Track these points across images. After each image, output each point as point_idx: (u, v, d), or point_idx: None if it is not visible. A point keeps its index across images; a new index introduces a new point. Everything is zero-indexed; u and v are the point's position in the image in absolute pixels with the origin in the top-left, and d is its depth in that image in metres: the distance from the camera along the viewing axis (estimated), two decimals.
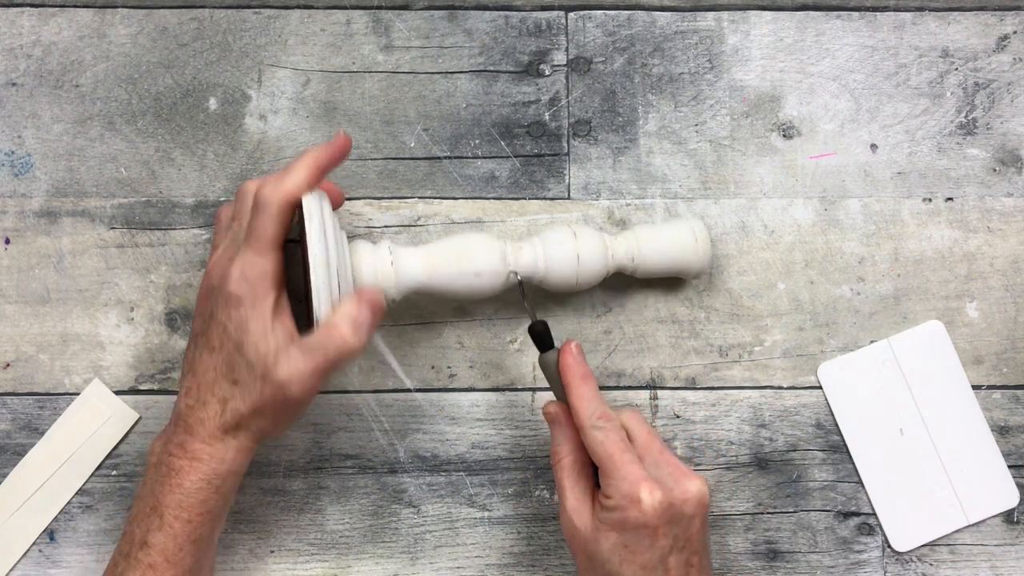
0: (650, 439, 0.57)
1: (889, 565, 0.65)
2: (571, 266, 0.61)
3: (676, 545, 0.54)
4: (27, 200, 0.67)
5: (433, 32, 0.69)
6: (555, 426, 0.58)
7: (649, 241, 0.63)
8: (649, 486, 0.53)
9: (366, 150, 0.68)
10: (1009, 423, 0.67)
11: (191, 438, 0.55)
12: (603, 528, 0.54)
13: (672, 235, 0.63)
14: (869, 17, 0.70)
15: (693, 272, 0.64)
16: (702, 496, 0.55)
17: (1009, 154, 0.69)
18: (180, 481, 0.55)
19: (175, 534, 0.55)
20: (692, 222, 0.64)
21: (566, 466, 0.57)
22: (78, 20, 0.68)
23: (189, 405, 0.55)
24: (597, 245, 0.61)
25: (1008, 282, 0.68)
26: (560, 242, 0.61)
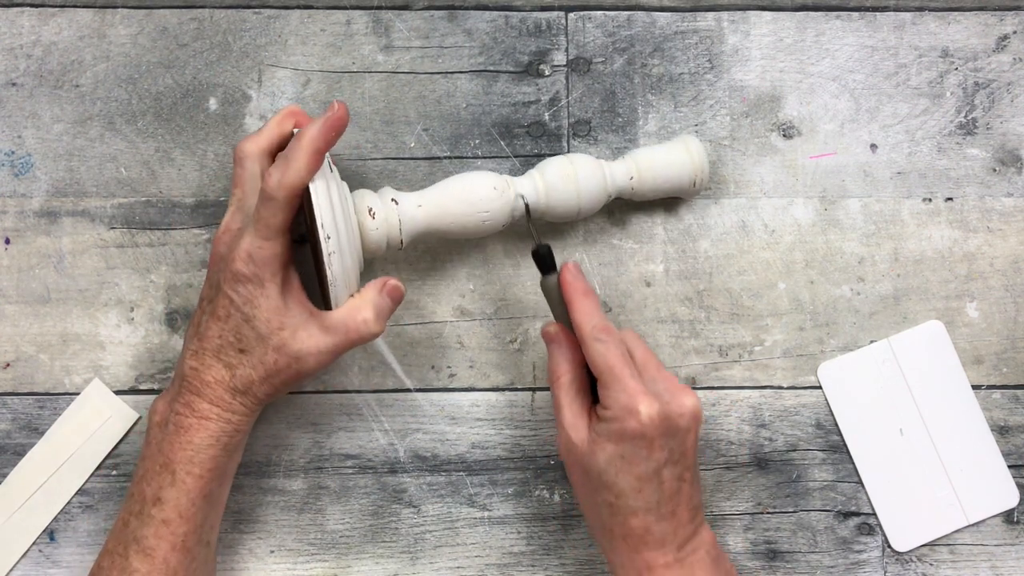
0: (647, 356, 0.58)
1: (889, 565, 0.65)
2: (572, 194, 0.62)
3: (671, 458, 0.55)
4: (27, 200, 0.67)
5: (433, 32, 0.69)
6: (554, 345, 0.59)
7: (646, 162, 0.64)
8: (647, 398, 0.54)
9: (366, 150, 0.68)
10: (1009, 423, 0.67)
11: (198, 399, 0.56)
12: (600, 440, 0.55)
13: (668, 154, 0.64)
14: (869, 17, 0.70)
15: (692, 190, 0.65)
16: (696, 410, 0.55)
17: (1009, 154, 0.69)
18: (190, 438, 0.56)
19: (188, 489, 0.56)
20: (687, 140, 0.65)
21: (564, 384, 0.58)
22: (78, 20, 0.68)
23: (193, 367, 0.57)
24: (595, 171, 0.62)
25: (1008, 282, 0.68)
26: (559, 171, 0.62)
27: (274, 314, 0.56)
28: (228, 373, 0.56)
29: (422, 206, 0.60)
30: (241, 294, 0.55)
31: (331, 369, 0.66)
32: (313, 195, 0.55)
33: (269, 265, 0.55)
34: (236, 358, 0.56)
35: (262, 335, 0.56)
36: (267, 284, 0.55)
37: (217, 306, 0.56)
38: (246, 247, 0.55)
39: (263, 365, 0.56)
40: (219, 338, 0.56)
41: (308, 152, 0.55)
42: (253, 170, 0.59)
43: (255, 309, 0.55)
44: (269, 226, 0.55)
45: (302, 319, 0.56)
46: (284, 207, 0.55)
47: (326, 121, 0.56)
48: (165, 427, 0.57)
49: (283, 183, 0.54)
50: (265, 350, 0.56)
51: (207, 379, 0.56)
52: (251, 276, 0.55)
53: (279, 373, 0.56)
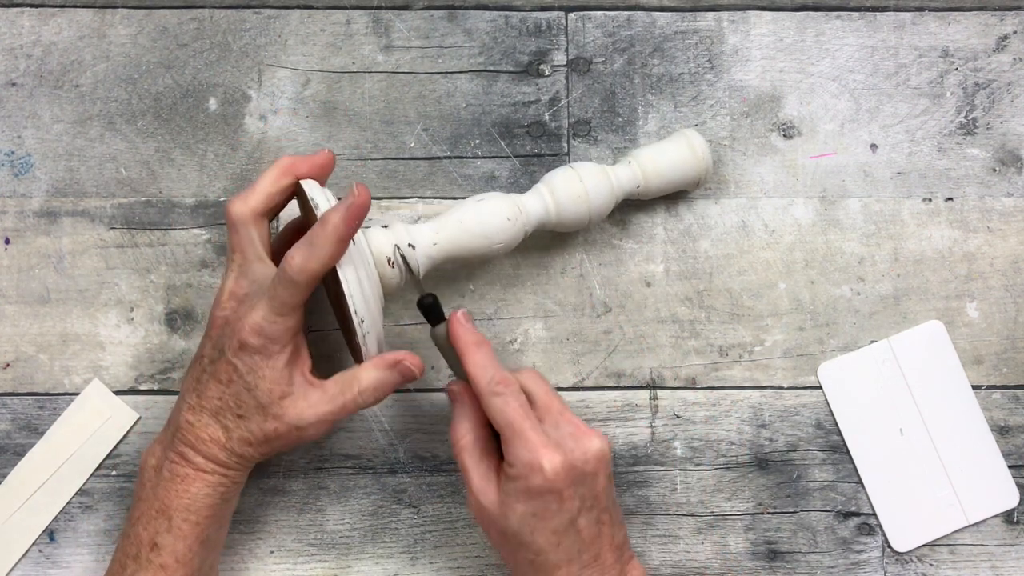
0: (549, 399, 0.57)
1: (889, 565, 0.65)
2: (582, 206, 0.62)
3: (584, 505, 0.54)
4: (27, 200, 0.67)
5: (433, 32, 0.69)
6: (456, 405, 0.57)
7: (651, 165, 0.64)
8: (549, 451, 0.53)
9: (366, 150, 0.68)
10: (1009, 423, 0.67)
11: (192, 451, 0.56)
12: (509, 501, 0.54)
13: (672, 154, 0.64)
14: (869, 17, 0.70)
15: (697, 184, 0.65)
16: (602, 452, 0.55)
17: (1009, 154, 0.69)
18: (187, 487, 0.56)
19: (184, 535, 0.56)
20: (689, 136, 0.65)
21: (466, 446, 0.56)
22: (78, 20, 0.68)
23: (190, 422, 0.56)
24: (603, 181, 0.62)
25: (1008, 282, 0.68)
26: (568, 186, 0.62)
27: (276, 384, 0.55)
28: (224, 435, 0.56)
29: (437, 244, 0.60)
30: (246, 363, 0.55)
31: (331, 370, 0.66)
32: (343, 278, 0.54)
33: (280, 339, 0.55)
34: (233, 422, 0.56)
35: (262, 404, 0.55)
36: (274, 356, 0.55)
37: (219, 370, 0.55)
38: (258, 320, 0.54)
39: (261, 431, 0.56)
40: (219, 400, 0.56)
41: (333, 241, 0.53)
42: (250, 236, 0.57)
43: (259, 379, 0.55)
44: (286, 304, 0.54)
45: (303, 388, 0.56)
46: (304, 290, 0.54)
47: (349, 208, 0.54)
48: (160, 472, 0.56)
49: (306, 269, 0.53)
50: (264, 418, 0.55)
51: (203, 436, 0.56)
52: (259, 348, 0.54)
53: (278, 439, 0.56)
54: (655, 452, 0.66)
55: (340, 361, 0.66)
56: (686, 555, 0.65)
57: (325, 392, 0.56)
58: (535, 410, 0.56)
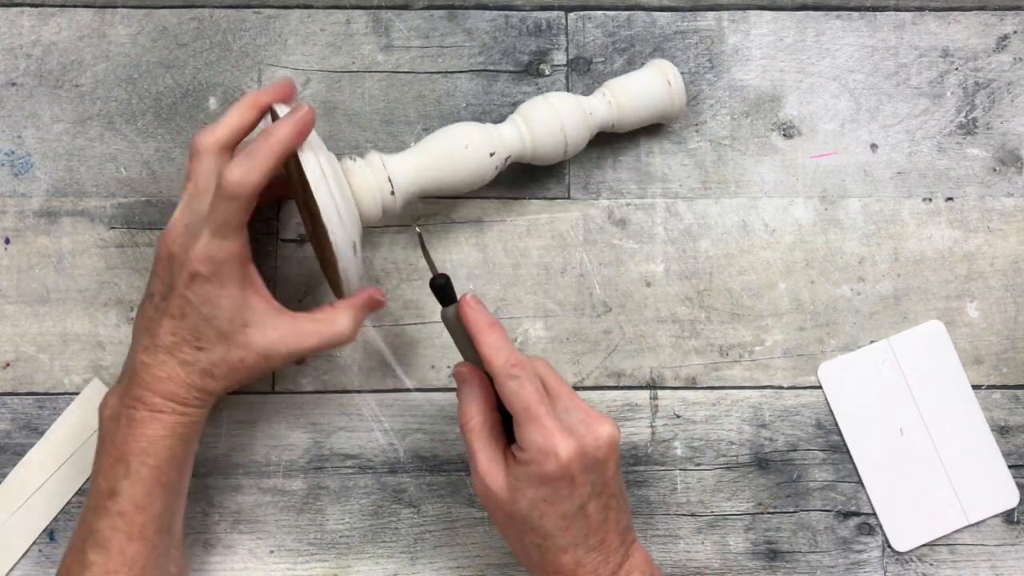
0: (559, 385, 0.57)
1: (889, 565, 0.65)
2: (558, 138, 0.62)
3: (594, 491, 0.54)
4: (27, 200, 0.67)
5: (433, 32, 0.69)
6: (464, 386, 0.57)
7: (626, 96, 0.64)
8: (564, 437, 0.53)
9: (366, 150, 0.68)
10: (1009, 423, 0.67)
11: (150, 393, 0.55)
12: (520, 485, 0.54)
13: (646, 85, 0.64)
14: (869, 17, 0.70)
15: (672, 116, 0.66)
16: (613, 439, 0.55)
17: (1009, 154, 0.69)
18: (143, 431, 0.55)
19: (143, 479, 0.54)
20: (662, 65, 0.65)
21: (475, 427, 0.56)
22: (78, 20, 0.68)
23: (145, 363, 0.55)
24: (578, 113, 0.62)
25: (1008, 282, 0.68)
26: (543, 118, 0.62)
27: (237, 313, 0.54)
28: (183, 370, 0.55)
29: (416, 182, 0.60)
30: (198, 294, 0.54)
31: (331, 369, 0.66)
32: (315, 190, 0.54)
33: (229, 264, 0.54)
34: (192, 356, 0.55)
35: (224, 333, 0.54)
36: (227, 284, 0.54)
37: (171, 305, 0.54)
38: (203, 247, 0.53)
39: (226, 363, 0.55)
40: (172, 336, 0.55)
41: (275, 153, 0.53)
42: (209, 166, 0.56)
43: (216, 309, 0.54)
44: (228, 225, 0.53)
45: (268, 316, 0.55)
46: (244, 207, 0.53)
47: (296, 122, 0.54)
48: (117, 420, 0.55)
49: (245, 181, 0.52)
50: (228, 348, 0.55)
51: (159, 375, 0.55)
52: (210, 276, 0.53)
53: (244, 369, 0.55)
54: (655, 452, 0.66)
55: (338, 361, 0.66)
56: (686, 555, 0.65)
57: (297, 325, 0.56)
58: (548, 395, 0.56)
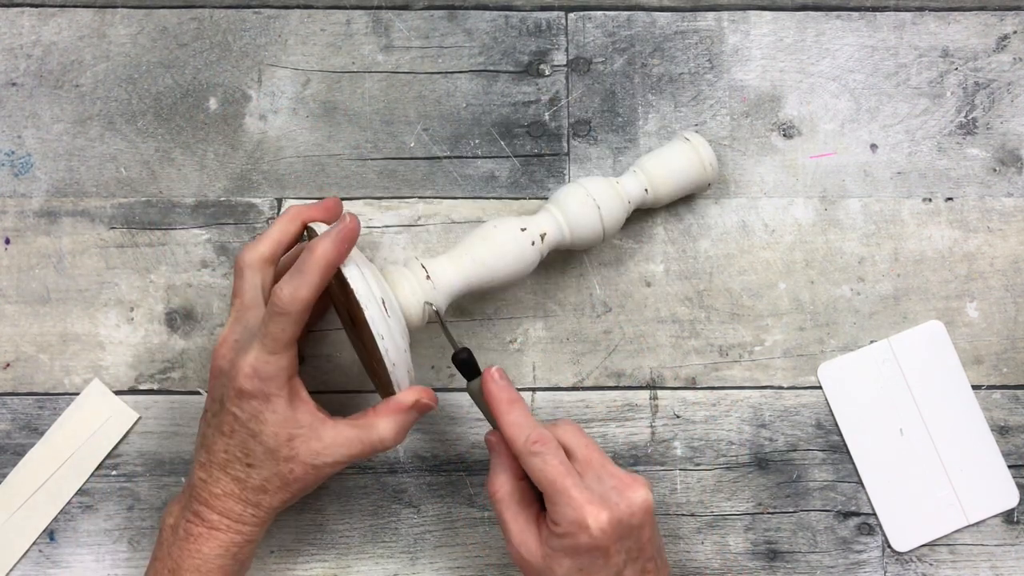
0: (589, 452, 0.56)
1: (889, 565, 0.65)
2: (595, 225, 0.62)
3: (630, 557, 0.54)
4: (27, 200, 0.67)
5: (433, 32, 0.69)
6: (493, 455, 0.57)
7: (660, 177, 0.64)
8: (595, 508, 0.52)
9: (366, 150, 0.68)
10: (1009, 423, 0.67)
11: (207, 509, 0.55)
12: (555, 555, 0.54)
13: (679, 163, 0.64)
14: (869, 17, 0.70)
15: (705, 188, 0.66)
16: (647, 504, 0.54)
17: (1009, 154, 0.69)
18: (199, 547, 0.55)
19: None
20: (693, 140, 0.64)
21: (503, 499, 0.56)
22: (78, 20, 0.68)
23: (202, 479, 0.56)
24: (613, 198, 0.62)
25: (1008, 282, 0.68)
26: (580, 207, 0.61)
27: (282, 427, 0.54)
28: (237, 487, 0.55)
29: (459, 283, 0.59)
30: (246, 411, 0.54)
31: (331, 369, 0.66)
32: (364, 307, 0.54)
33: (275, 379, 0.54)
34: (244, 472, 0.55)
35: (271, 449, 0.54)
36: (273, 399, 0.54)
37: (222, 422, 0.55)
38: (252, 362, 0.53)
39: (277, 477, 0.55)
40: (225, 453, 0.55)
41: (321, 267, 0.53)
42: (254, 281, 0.57)
43: (261, 425, 0.54)
44: (278, 340, 0.53)
45: (313, 427, 0.55)
46: (296, 322, 0.53)
47: (339, 233, 0.54)
48: (176, 531, 0.56)
49: (296, 297, 0.53)
50: (276, 462, 0.55)
51: (215, 491, 0.55)
52: (256, 392, 0.54)
53: (296, 482, 0.56)
54: (655, 452, 0.66)
55: (338, 361, 0.66)
56: (686, 555, 0.65)
57: (340, 433, 0.56)
58: (575, 464, 0.55)
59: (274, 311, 0.53)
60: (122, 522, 0.64)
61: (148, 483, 0.65)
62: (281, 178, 0.67)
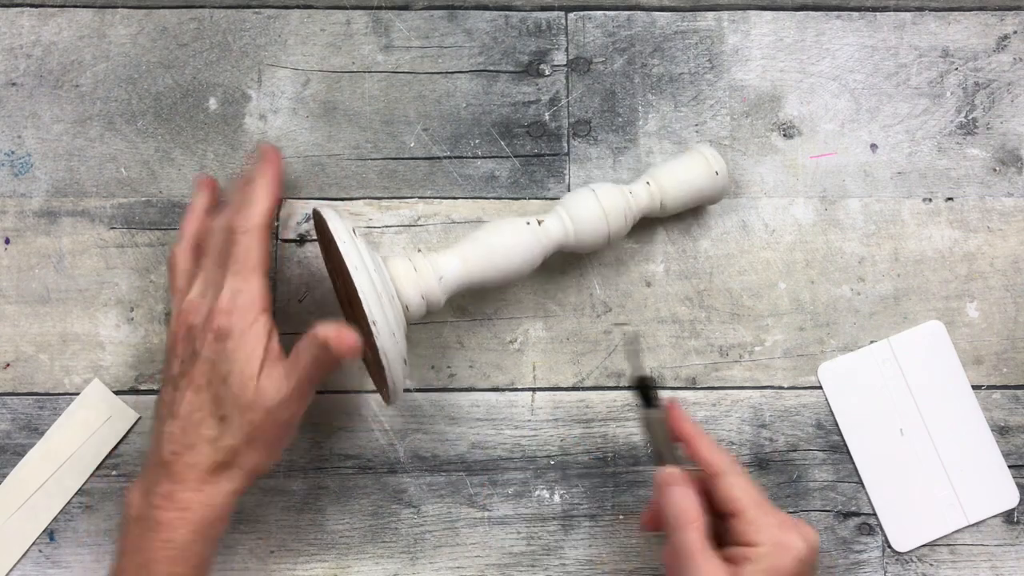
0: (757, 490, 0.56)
1: (889, 565, 0.65)
2: (601, 227, 0.61)
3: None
4: (27, 200, 0.67)
5: (433, 32, 0.69)
6: (676, 489, 0.54)
7: (670, 184, 0.64)
8: (795, 531, 0.52)
9: (366, 150, 0.68)
10: (1009, 423, 0.67)
11: (179, 487, 0.53)
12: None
13: (690, 172, 0.64)
14: (869, 17, 0.70)
15: (716, 200, 0.66)
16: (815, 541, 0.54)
17: (1009, 154, 0.69)
18: (170, 536, 0.53)
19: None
20: (705, 151, 0.64)
21: (699, 528, 0.53)
22: (78, 20, 0.68)
23: (174, 451, 0.54)
24: (620, 202, 0.62)
25: (1008, 282, 0.68)
26: (586, 208, 0.61)
27: (247, 364, 0.53)
28: (210, 448, 0.53)
29: (464, 276, 0.59)
30: (219, 353, 0.53)
31: None
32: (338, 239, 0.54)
33: (251, 309, 0.53)
34: (217, 428, 0.53)
35: (236, 394, 0.53)
36: (247, 334, 0.53)
37: (195, 375, 0.54)
38: (226, 296, 0.53)
39: (241, 429, 0.53)
40: (199, 410, 0.53)
41: (266, 189, 0.54)
42: (185, 266, 0.58)
43: (231, 364, 0.53)
44: (246, 263, 0.53)
45: (273, 365, 0.54)
46: (258, 239, 0.53)
47: (266, 160, 0.56)
48: (143, 521, 0.53)
49: (254, 214, 0.53)
50: (242, 411, 0.53)
51: (189, 461, 0.53)
52: (231, 329, 0.53)
53: (260, 433, 0.53)
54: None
55: None
56: None
57: (283, 368, 0.54)
58: None
59: (234, 236, 0.53)
60: None
61: None
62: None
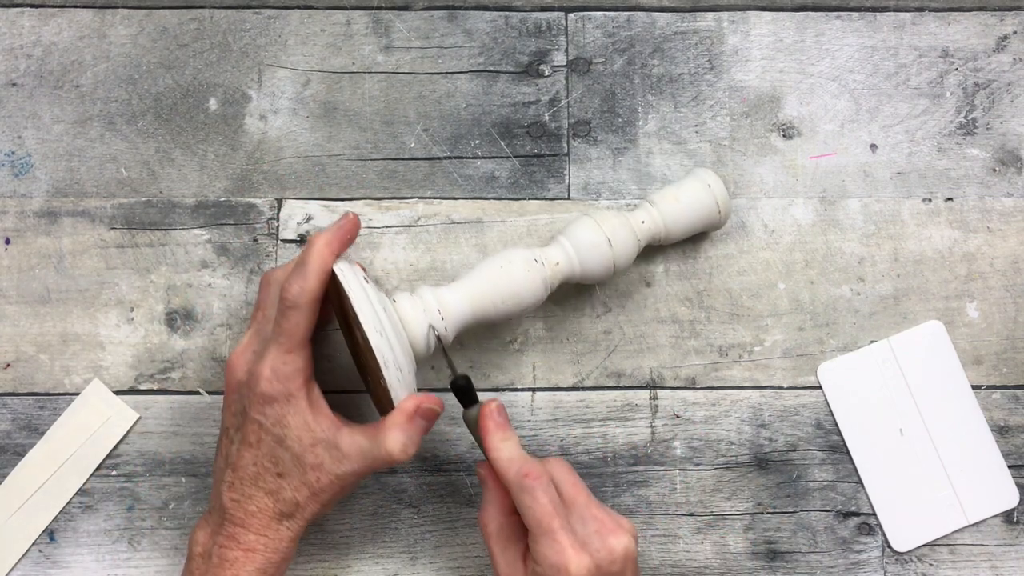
0: (575, 491, 0.56)
1: (889, 565, 0.65)
2: (606, 260, 0.61)
3: None
4: (27, 200, 0.67)
5: (433, 32, 0.69)
6: (483, 488, 0.57)
7: (672, 215, 0.63)
8: (577, 554, 0.52)
9: (366, 150, 0.68)
10: (1009, 423, 0.67)
11: (243, 530, 0.55)
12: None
13: (692, 202, 0.64)
14: (869, 17, 0.70)
15: (717, 228, 0.66)
16: (628, 551, 0.54)
17: (1009, 154, 0.69)
18: (236, 572, 0.55)
19: None
20: (707, 178, 0.64)
21: (492, 533, 0.56)
22: (78, 20, 0.68)
23: (234, 499, 0.55)
24: (626, 233, 0.62)
25: (1008, 282, 0.68)
26: (591, 241, 0.61)
27: (305, 431, 0.54)
28: (271, 500, 0.55)
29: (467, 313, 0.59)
30: (270, 416, 0.54)
31: (331, 369, 0.66)
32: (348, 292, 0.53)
33: (294, 380, 0.54)
34: (276, 483, 0.55)
35: (297, 455, 0.54)
36: (294, 400, 0.54)
37: (247, 433, 0.55)
38: (270, 364, 0.54)
39: (306, 486, 0.55)
40: (255, 465, 0.55)
41: (322, 256, 0.54)
42: (276, 295, 0.57)
43: (286, 429, 0.54)
44: (292, 336, 0.54)
45: (333, 434, 0.55)
46: (307, 315, 0.54)
47: (339, 227, 0.55)
48: (208, 559, 0.55)
49: (304, 289, 0.53)
50: (304, 470, 0.55)
51: (251, 509, 0.55)
52: (278, 395, 0.54)
53: (324, 491, 0.55)
54: (655, 452, 0.66)
55: (339, 361, 0.66)
56: (686, 555, 0.65)
57: (354, 442, 0.55)
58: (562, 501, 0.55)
59: (284, 306, 0.54)
60: (122, 522, 0.64)
61: (148, 483, 0.65)
62: (281, 178, 0.67)
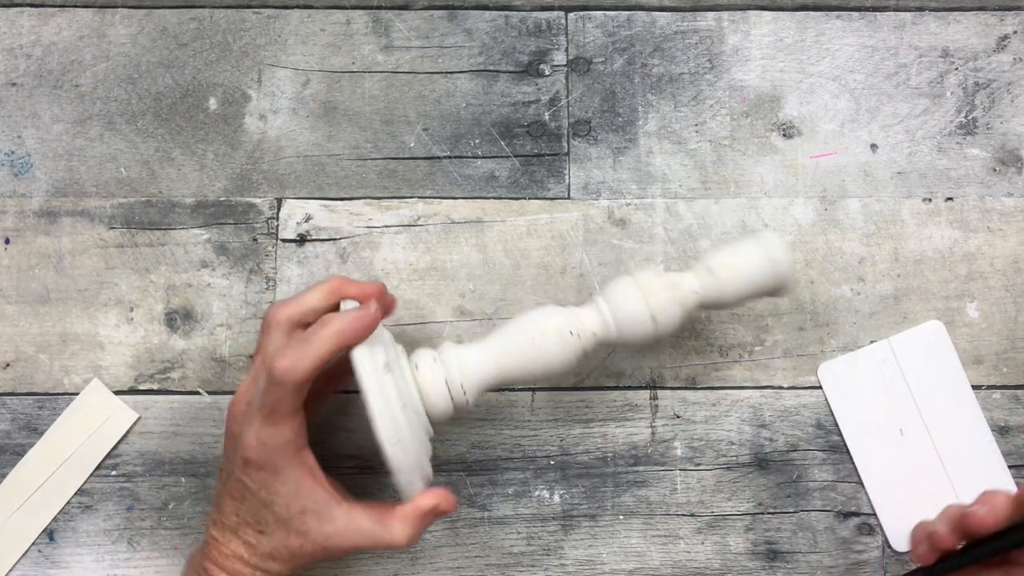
0: None
1: (889, 565, 0.65)
2: (647, 335, 0.57)
3: None
4: (27, 200, 0.67)
5: (433, 32, 0.69)
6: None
7: (728, 282, 0.58)
8: None
9: (366, 150, 0.68)
10: (1009, 423, 0.67)
11: (218, 569, 0.54)
12: None
13: (750, 270, 0.58)
14: (869, 17, 0.70)
15: (778, 295, 0.60)
16: None
17: (1009, 154, 0.69)
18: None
19: None
20: (768, 244, 0.58)
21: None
22: (78, 20, 0.68)
23: (215, 537, 0.55)
24: (674, 309, 0.57)
25: (1008, 282, 0.68)
26: (634, 318, 0.56)
27: (294, 500, 0.53)
28: (247, 551, 0.54)
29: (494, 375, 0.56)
30: (255, 480, 0.53)
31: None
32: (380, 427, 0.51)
33: (282, 451, 0.52)
34: (255, 538, 0.54)
35: (283, 519, 0.53)
36: (282, 471, 0.52)
37: (232, 488, 0.54)
38: (255, 433, 0.52)
39: (287, 548, 0.53)
40: (236, 516, 0.54)
41: (328, 345, 0.51)
42: (277, 341, 0.54)
43: (273, 495, 0.52)
44: (277, 412, 0.51)
45: (327, 505, 0.53)
46: (292, 394, 0.51)
47: (358, 318, 0.51)
48: (198, 569, 0.55)
49: (295, 368, 0.50)
50: (287, 533, 0.53)
51: (226, 552, 0.54)
52: (263, 464, 0.52)
53: (304, 556, 0.54)
54: (655, 452, 0.66)
55: None
56: (686, 555, 0.65)
57: (352, 521, 0.54)
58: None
59: (271, 380, 0.50)
60: (121, 522, 0.64)
61: (148, 483, 0.65)
62: (281, 178, 0.67)
